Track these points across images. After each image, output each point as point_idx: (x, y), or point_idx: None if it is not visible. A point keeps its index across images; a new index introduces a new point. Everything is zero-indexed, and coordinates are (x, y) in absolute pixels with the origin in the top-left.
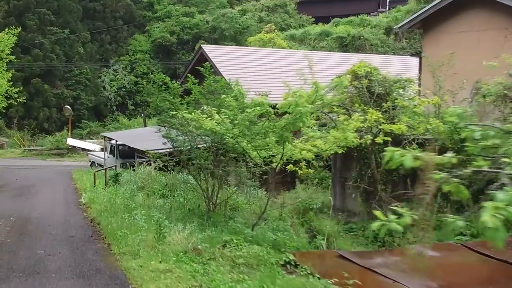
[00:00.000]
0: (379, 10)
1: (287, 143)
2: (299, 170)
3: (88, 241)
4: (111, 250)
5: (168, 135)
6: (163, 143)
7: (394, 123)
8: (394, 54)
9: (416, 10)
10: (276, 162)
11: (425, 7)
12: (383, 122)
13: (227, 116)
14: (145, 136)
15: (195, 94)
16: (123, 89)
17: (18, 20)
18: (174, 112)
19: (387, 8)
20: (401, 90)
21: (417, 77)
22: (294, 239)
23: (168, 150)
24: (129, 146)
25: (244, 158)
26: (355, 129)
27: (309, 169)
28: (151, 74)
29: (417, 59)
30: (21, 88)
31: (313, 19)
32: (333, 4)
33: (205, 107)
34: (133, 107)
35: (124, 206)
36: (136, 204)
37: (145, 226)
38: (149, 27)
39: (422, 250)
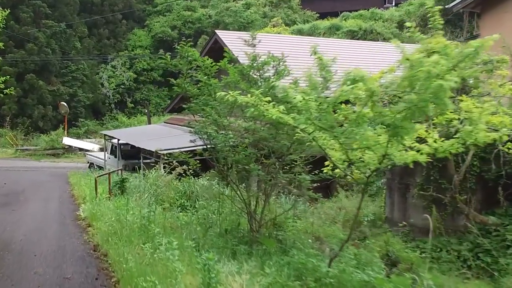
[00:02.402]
0: (385, 5)
1: (401, 139)
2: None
3: None
4: None
5: (204, 130)
6: (191, 141)
7: None
8: None
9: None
10: (370, 167)
11: None
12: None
13: (312, 99)
14: (151, 135)
15: (233, 75)
16: (122, 86)
17: (11, 13)
18: (223, 93)
19: (393, 4)
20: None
21: None
22: (381, 275)
23: (180, 150)
24: (132, 146)
25: (293, 162)
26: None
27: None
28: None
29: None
30: (9, 77)
31: (318, 14)
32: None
33: (277, 84)
34: (132, 105)
35: (139, 228)
36: (157, 225)
37: (181, 269)
38: (149, 22)
39: None
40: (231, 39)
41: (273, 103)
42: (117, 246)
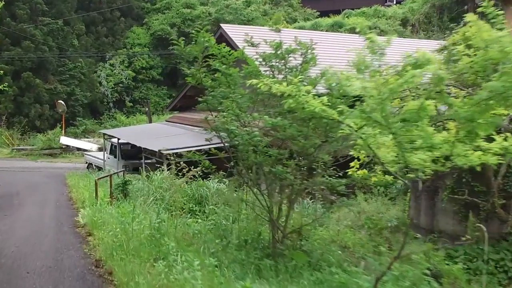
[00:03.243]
0: (386, 4)
1: (476, 136)
2: (373, 177)
3: None
4: None
5: (225, 127)
6: (206, 139)
7: None
8: None
9: (434, 0)
10: (425, 170)
11: None
12: None
13: (371, 86)
14: (152, 134)
15: (252, 65)
16: (121, 85)
17: (7, 9)
18: (255, 81)
19: (394, 2)
20: None
21: None
22: None
23: (185, 149)
24: (132, 145)
25: (316, 164)
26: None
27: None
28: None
29: None
30: (2, 72)
31: (318, 12)
32: None
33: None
34: (131, 104)
35: (148, 240)
36: (168, 236)
37: None
38: (148, 19)
39: None
40: (238, 33)
41: (313, 93)
42: (123, 263)
